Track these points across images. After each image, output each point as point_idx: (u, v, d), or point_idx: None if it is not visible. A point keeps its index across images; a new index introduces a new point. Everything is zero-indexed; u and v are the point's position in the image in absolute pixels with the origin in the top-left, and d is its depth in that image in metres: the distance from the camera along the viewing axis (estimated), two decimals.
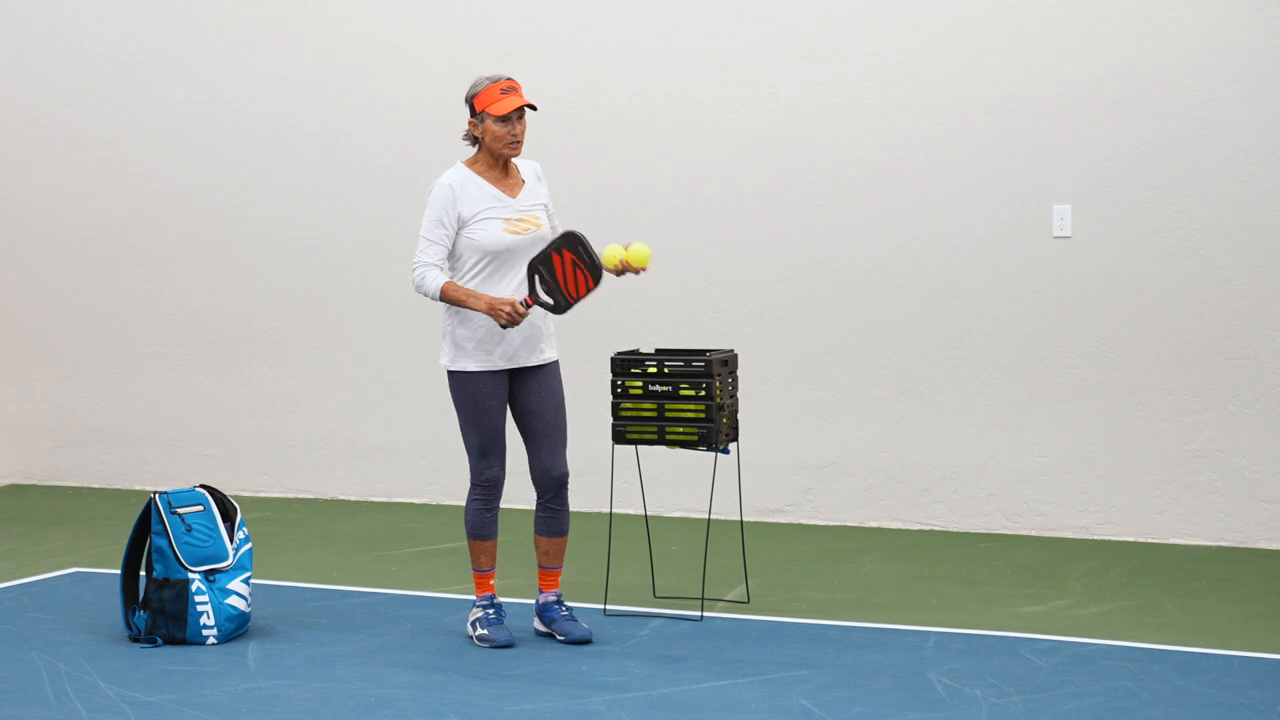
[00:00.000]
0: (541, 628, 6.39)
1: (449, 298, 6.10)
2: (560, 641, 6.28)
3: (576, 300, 6.04)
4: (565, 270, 6.04)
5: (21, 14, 10.08)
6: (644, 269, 6.19)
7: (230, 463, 9.75)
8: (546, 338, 6.28)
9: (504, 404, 6.24)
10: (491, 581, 6.32)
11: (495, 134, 6.15)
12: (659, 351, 6.87)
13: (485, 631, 6.21)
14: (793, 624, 6.61)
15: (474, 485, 6.28)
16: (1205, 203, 8.11)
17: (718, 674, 5.86)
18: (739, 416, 7.03)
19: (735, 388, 6.88)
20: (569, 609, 6.39)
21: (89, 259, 10.03)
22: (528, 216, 6.21)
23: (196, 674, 5.87)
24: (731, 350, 6.96)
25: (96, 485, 10.05)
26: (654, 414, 6.72)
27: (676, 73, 8.89)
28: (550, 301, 6.04)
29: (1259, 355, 8.06)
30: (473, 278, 6.18)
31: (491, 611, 6.27)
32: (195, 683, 5.76)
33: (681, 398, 6.69)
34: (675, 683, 5.76)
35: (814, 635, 6.42)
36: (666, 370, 6.74)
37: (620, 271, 6.18)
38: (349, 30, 9.49)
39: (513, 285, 6.16)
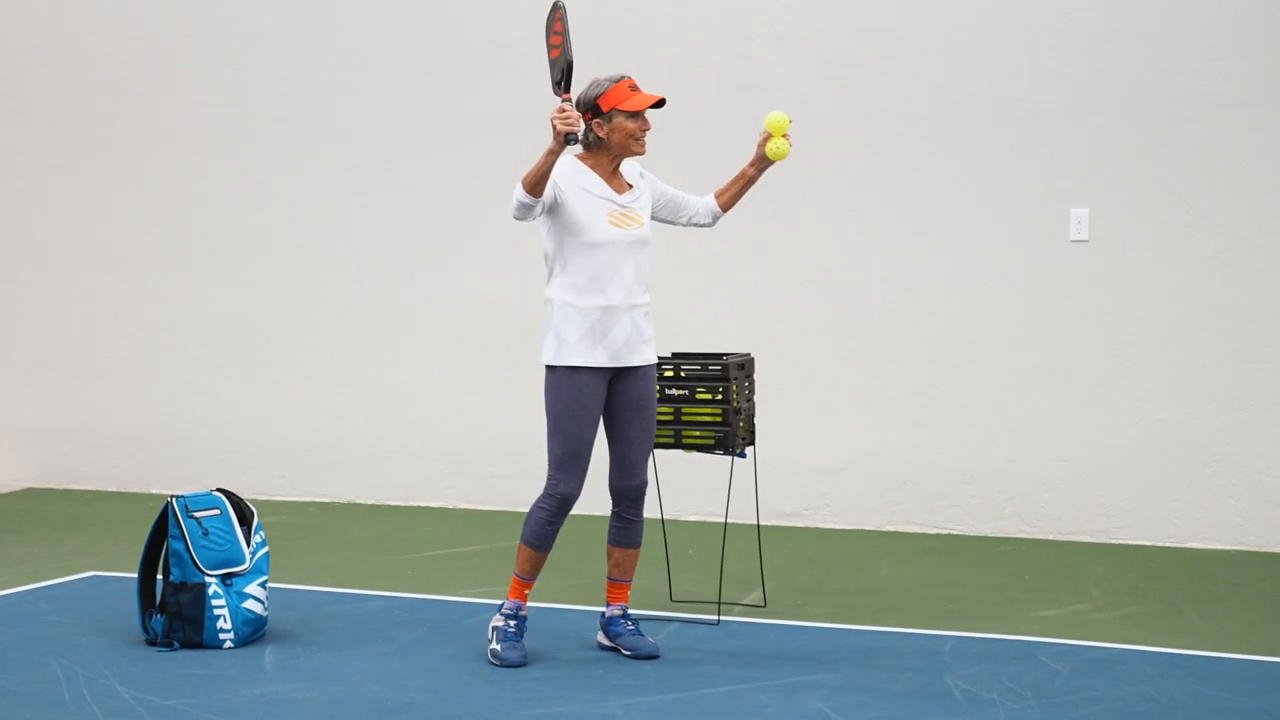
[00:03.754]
0: (606, 642, 6.26)
1: (528, 178, 5.78)
2: (626, 656, 6.16)
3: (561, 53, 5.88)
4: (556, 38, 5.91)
5: (39, 21, 10.10)
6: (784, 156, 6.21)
7: (247, 466, 9.76)
8: (648, 339, 6.09)
9: (595, 414, 6.01)
10: (527, 592, 6.12)
11: (627, 130, 5.98)
12: (676, 355, 6.86)
13: (498, 647, 6.04)
14: (809, 628, 6.61)
15: (546, 495, 6.03)
16: (1223, 207, 8.09)
17: (734, 678, 5.85)
18: (756, 420, 7.02)
19: (752, 391, 6.87)
20: (635, 623, 6.27)
21: (106, 263, 10.05)
22: (631, 214, 6.05)
23: (213, 678, 5.87)
24: (748, 354, 6.95)
25: (113, 489, 10.07)
26: (671, 418, 6.71)
27: (691, 77, 8.89)
28: (559, 75, 5.86)
29: (1276, 360, 8.03)
30: (577, 272, 5.96)
31: (513, 624, 6.07)
32: (212, 686, 5.76)
33: (698, 401, 6.68)
34: (692, 687, 5.75)
35: (831, 639, 6.41)
36: (683, 374, 6.74)
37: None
38: (363, 36, 9.51)
39: (622, 284, 5.98)
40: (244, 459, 9.80)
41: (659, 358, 6.82)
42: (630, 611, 6.32)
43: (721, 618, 6.72)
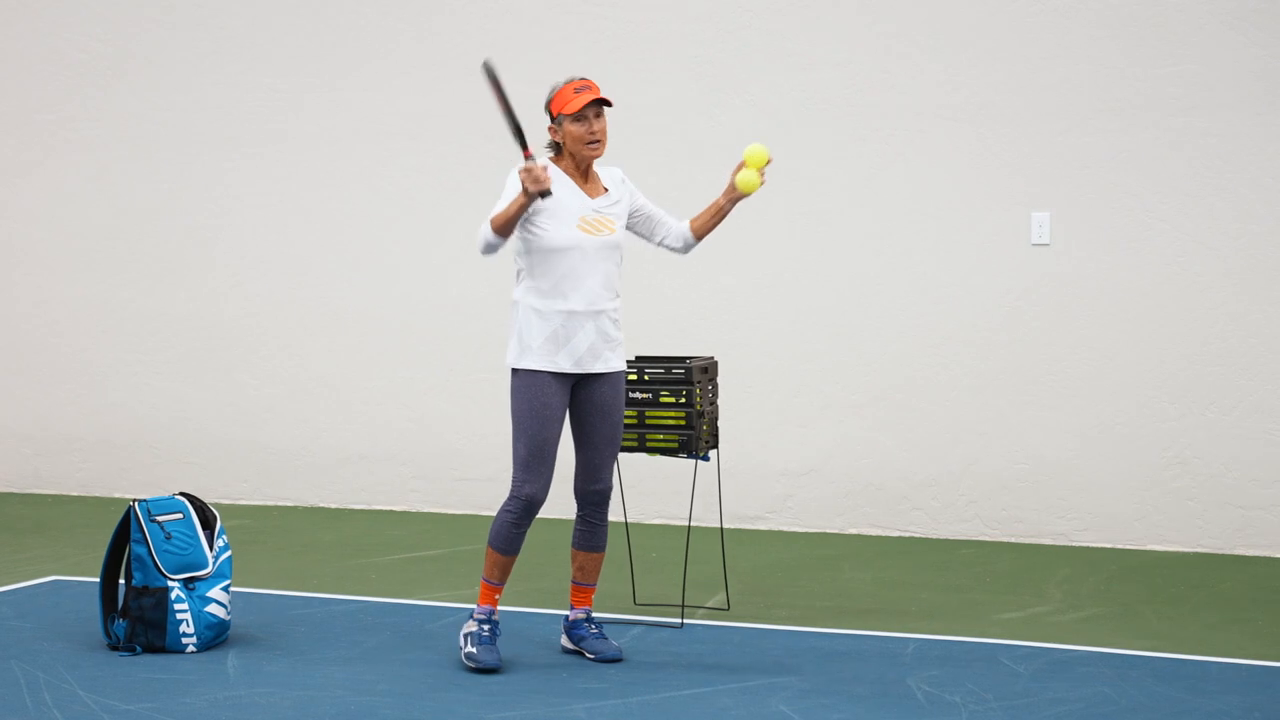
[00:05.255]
0: (570, 646, 6.26)
1: (496, 221, 5.81)
2: (590, 660, 6.17)
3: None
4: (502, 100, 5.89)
5: (1, 21, 10.05)
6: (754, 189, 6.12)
7: (210, 470, 9.73)
8: (614, 345, 6.06)
9: (559, 416, 5.98)
10: (497, 597, 6.08)
11: (574, 135, 5.97)
12: (639, 359, 6.87)
13: (474, 650, 5.99)
14: (773, 631, 6.62)
15: (511, 497, 6.00)
16: (1183, 210, 8.14)
17: (698, 681, 5.86)
18: (719, 424, 7.04)
19: (715, 395, 6.88)
20: (599, 626, 6.27)
21: (68, 266, 10.01)
22: (603, 220, 6.01)
23: (175, 682, 5.85)
24: (712, 357, 6.97)
25: (76, 493, 10.03)
26: (634, 421, 6.72)
27: (657, 81, 8.91)
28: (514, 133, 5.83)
29: (1236, 363, 8.09)
30: (543, 276, 5.95)
31: (486, 629, 6.03)
32: (174, 691, 5.75)
33: (662, 405, 6.69)
34: (655, 690, 5.76)
35: (794, 642, 6.42)
36: (647, 377, 6.75)
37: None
38: (326, 38, 9.49)
39: (591, 290, 5.95)
40: (207, 463, 9.77)
41: None
42: (594, 615, 6.32)
43: (685, 621, 6.73)
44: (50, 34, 9.98)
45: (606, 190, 6.11)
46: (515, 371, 6.02)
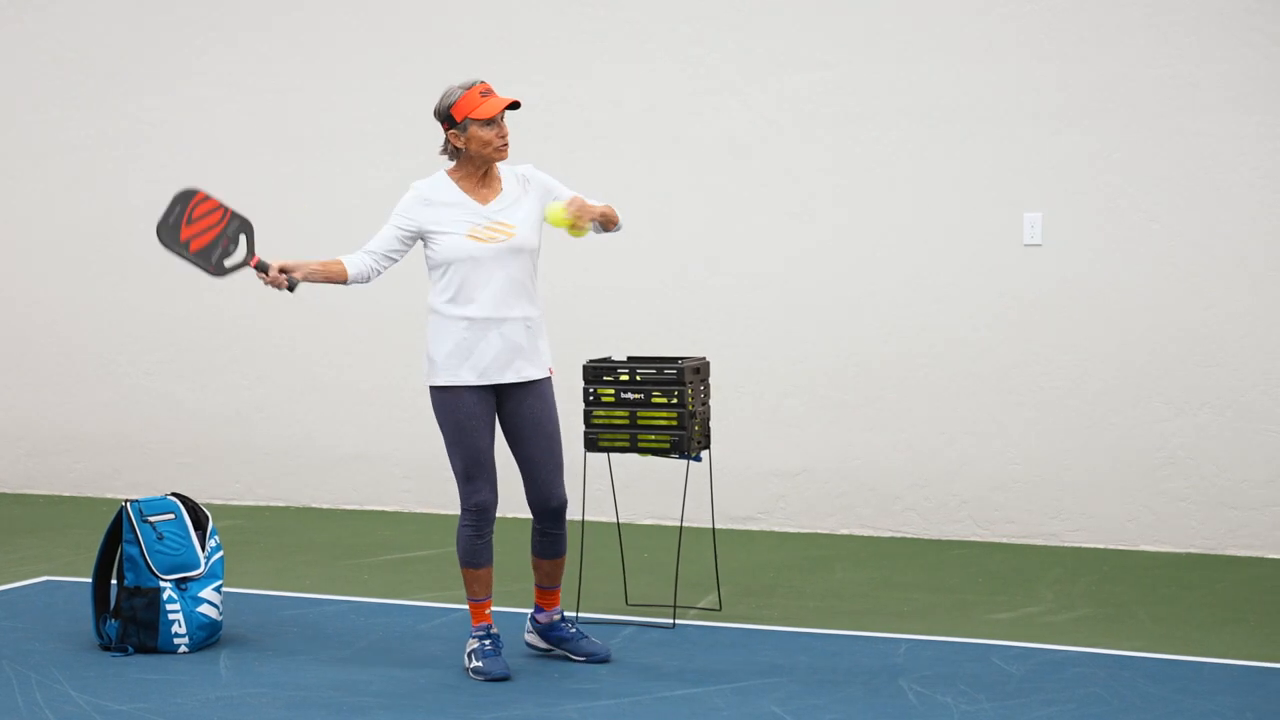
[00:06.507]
0: (541, 645, 6.23)
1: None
2: (580, 661, 6.15)
3: (204, 244, 6.13)
4: (198, 229, 6.10)
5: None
6: (564, 225, 5.91)
7: (202, 470, 9.72)
8: (527, 354, 5.97)
9: (486, 423, 5.96)
10: (487, 611, 6.04)
11: (483, 139, 5.89)
12: (631, 359, 6.87)
13: (480, 664, 5.95)
14: (765, 631, 6.63)
15: (464, 510, 5.99)
16: (1176, 211, 8.14)
17: (690, 681, 5.86)
18: (711, 424, 7.04)
19: (707, 395, 6.89)
20: (577, 625, 6.25)
21: (60, 266, 10.00)
22: (498, 225, 5.93)
23: (168, 682, 5.85)
24: (704, 358, 6.97)
25: (68, 493, 10.02)
26: (626, 421, 6.72)
27: (648, 81, 8.90)
28: (235, 262, 6.16)
29: (1229, 363, 8.09)
30: (446, 287, 5.95)
31: (488, 643, 6.00)
32: (166, 691, 5.75)
33: (654, 405, 6.69)
34: (647, 690, 5.76)
35: (786, 642, 6.43)
36: (639, 378, 6.75)
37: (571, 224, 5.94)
38: (316, 39, 9.48)
39: (490, 296, 5.90)
40: (199, 463, 9.76)
41: (612, 361, 6.83)
42: (585, 615, 6.32)
43: (677, 621, 6.74)
44: (41, 35, 9.97)
45: (503, 190, 6.01)
46: (431, 389, 6.00)
